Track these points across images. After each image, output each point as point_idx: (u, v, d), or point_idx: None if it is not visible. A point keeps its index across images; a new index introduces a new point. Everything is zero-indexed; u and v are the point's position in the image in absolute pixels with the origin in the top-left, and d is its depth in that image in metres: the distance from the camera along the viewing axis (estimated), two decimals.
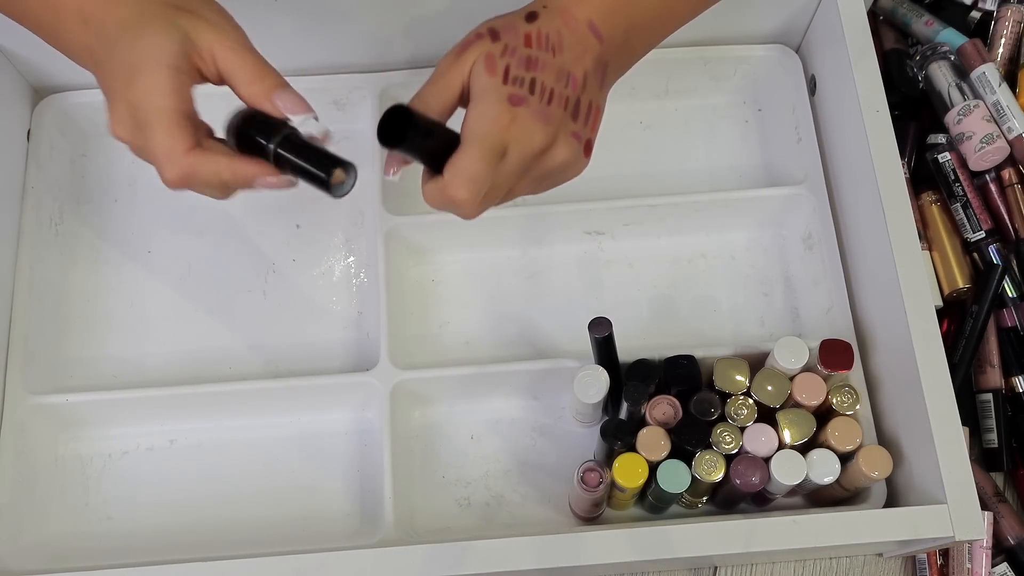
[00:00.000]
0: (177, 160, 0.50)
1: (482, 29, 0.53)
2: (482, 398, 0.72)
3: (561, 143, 0.53)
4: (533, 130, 0.51)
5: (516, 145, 0.51)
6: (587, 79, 0.54)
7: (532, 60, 0.52)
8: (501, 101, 0.51)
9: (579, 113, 0.54)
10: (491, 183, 0.51)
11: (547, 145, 0.52)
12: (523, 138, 0.51)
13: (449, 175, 0.51)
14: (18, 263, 0.73)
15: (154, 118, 0.50)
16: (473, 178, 0.50)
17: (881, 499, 0.65)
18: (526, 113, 0.51)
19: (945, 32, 0.81)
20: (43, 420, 0.70)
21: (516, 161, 0.52)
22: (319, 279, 0.76)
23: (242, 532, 0.69)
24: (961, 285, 0.75)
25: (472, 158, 0.50)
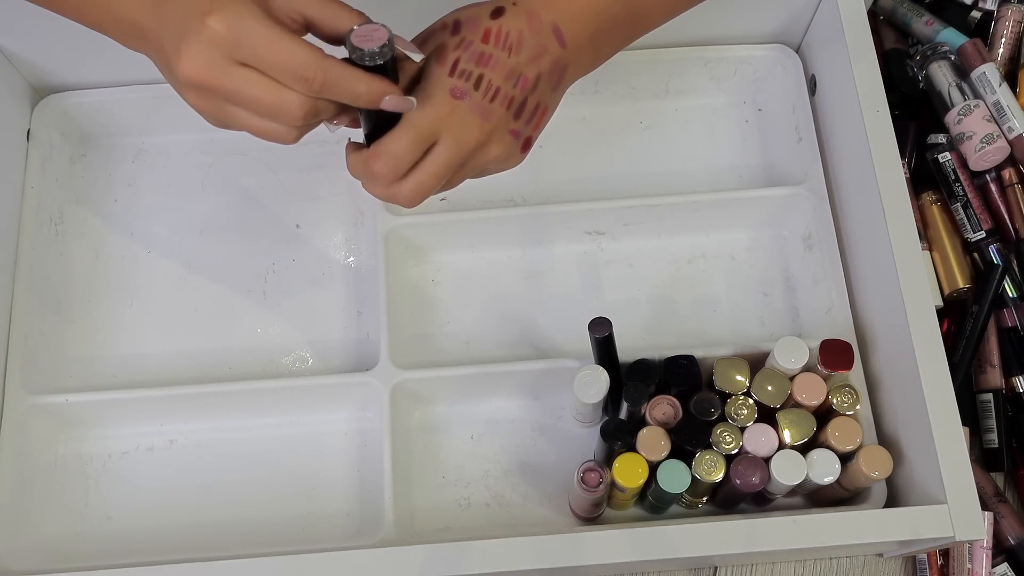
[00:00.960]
0: (317, 64, 0.47)
1: (448, 19, 0.55)
2: (482, 398, 0.72)
3: (495, 140, 0.54)
4: (469, 125, 0.53)
5: (449, 136, 0.52)
6: (540, 81, 0.54)
7: (484, 56, 0.53)
8: (442, 92, 0.52)
9: (523, 112, 0.55)
10: (424, 169, 0.53)
11: (482, 141, 0.53)
12: (457, 131, 0.52)
13: (372, 148, 0.52)
14: (18, 263, 0.73)
15: (265, 39, 0.46)
16: (392, 155, 0.52)
17: (881, 499, 0.65)
18: (464, 107, 0.52)
19: (945, 32, 0.81)
20: (43, 420, 0.70)
21: (449, 152, 0.53)
22: (319, 279, 0.76)
23: (242, 532, 0.69)
24: (961, 285, 0.75)
25: (397, 137, 0.52)
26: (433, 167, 0.53)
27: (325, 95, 0.49)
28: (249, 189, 0.79)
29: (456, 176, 0.55)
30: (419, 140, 0.52)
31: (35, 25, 0.72)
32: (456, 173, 0.55)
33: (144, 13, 0.49)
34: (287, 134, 0.51)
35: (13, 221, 0.74)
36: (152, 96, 0.77)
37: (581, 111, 0.81)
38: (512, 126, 0.55)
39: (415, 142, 0.52)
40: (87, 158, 0.80)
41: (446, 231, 0.75)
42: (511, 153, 0.56)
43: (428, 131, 0.52)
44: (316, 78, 0.48)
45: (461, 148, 0.53)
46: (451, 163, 0.53)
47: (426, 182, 0.54)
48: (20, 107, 0.76)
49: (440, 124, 0.52)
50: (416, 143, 0.52)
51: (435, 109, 0.52)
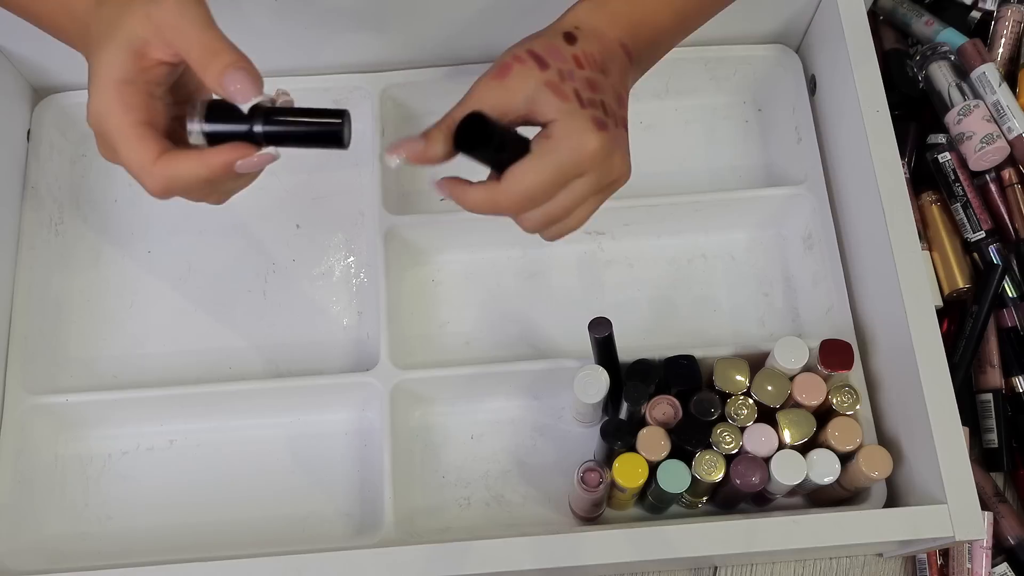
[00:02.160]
0: (149, 171, 0.49)
1: (520, 52, 0.52)
2: (482, 398, 0.72)
3: (627, 163, 0.53)
4: (616, 156, 0.51)
5: (598, 169, 0.51)
6: (624, 99, 0.54)
7: (592, 82, 0.51)
8: (586, 124, 0.50)
9: (626, 131, 0.54)
10: (556, 203, 0.51)
11: (626, 171, 0.53)
12: (606, 164, 0.51)
13: (508, 182, 0.50)
14: (18, 263, 0.73)
15: (115, 137, 0.49)
16: (531, 192, 0.50)
17: (881, 499, 0.65)
18: (609, 138, 0.50)
19: (945, 32, 0.81)
20: (43, 420, 0.70)
21: (593, 183, 0.51)
22: (319, 279, 0.76)
23: (242, 532, 0.69)
24: (961, 285, 0.75)
25: (539, 172, 0.50)
26: (568, 199, 0.51)
27: (176, 190, 0.49)
28: (249, 189, 0.78)
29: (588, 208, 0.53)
30: (561, 176, 0.50)
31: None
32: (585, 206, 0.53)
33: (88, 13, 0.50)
34: None
35: (13, 221, 0.74)
36: None
37: None
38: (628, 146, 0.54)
39: (556, 179, 0.50)
40: (87, 158, 0.80)
41: (446, 231, 0.75)
42: (628, 172, 0.54)
43: (574, 167, 0.50)
44: (157, 186, 0.49)
45: (604, 180, 0.52)
46: (586, 196, 0.52)
47: (558, 212, 0.52)
48: (20, 107, 0.76)
49: (588, 160, 0.50)
50: (557, 180, 0.50)
51: (584, 144, 0.50)
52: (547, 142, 0.50)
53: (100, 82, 0.48)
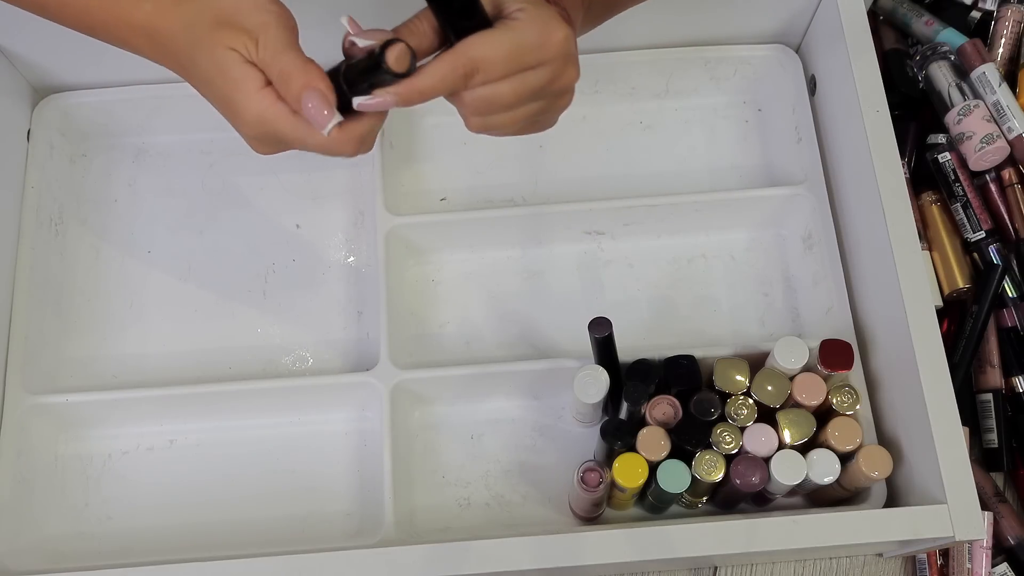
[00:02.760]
0: (341, 145, 0.50)
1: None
2: (482, 398, 0.72)
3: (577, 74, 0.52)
4: (574, 55, 0.51)
5: (554, 67, 0.50)
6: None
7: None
8: (555, 16, 0.50)
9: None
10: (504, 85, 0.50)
11: (576, 76, 0.52)
12: (562, 60, 0.50)
13: (463, 46, 0.49)
14: (18, 263, 0.73)
15: (290, 132, 0.50)
16: (485, 61, 0.49)
17: (881, 499, 0.65)
18: (572, 38, 0.50)
19: (945, 32, 0.81)
20: (43, 420, 0.70)
21: (543, 78, 0.50)
22: (319, 279, 0.76)
23: (242, 532, 0.69)
24: (961, 285, 0.75)
25: (498, 44, 0.49)
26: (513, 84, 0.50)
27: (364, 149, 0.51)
28: (249, 189, 0.79)
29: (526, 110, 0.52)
30: (522, 55, 0.49)
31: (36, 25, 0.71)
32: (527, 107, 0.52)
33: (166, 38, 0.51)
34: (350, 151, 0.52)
35: (13, 221, 0.74)
36: (152, 96, 0.77)
37: (581, 111, 0.81)
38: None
39: (518, 54, 0.49)
40: (87, 158, 0.80)
41: (446, 231, 0.75)
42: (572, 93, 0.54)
43: (534, 51, 0.49)
44: (352, 151, 0.51)
45: (555, 77, 0.51)
46: (532, 88, 0.50)
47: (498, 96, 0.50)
48: (20, 107, 0.76)
49: (549, 48, 0.49)
50: (518, 55, 0.49)
51: (550, 31, 0.49)
52: (512, 22, 0.49)
53: (247, 96, 0.49)
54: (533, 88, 0.51)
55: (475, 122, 0.52)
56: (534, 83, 0.50)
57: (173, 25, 0.50)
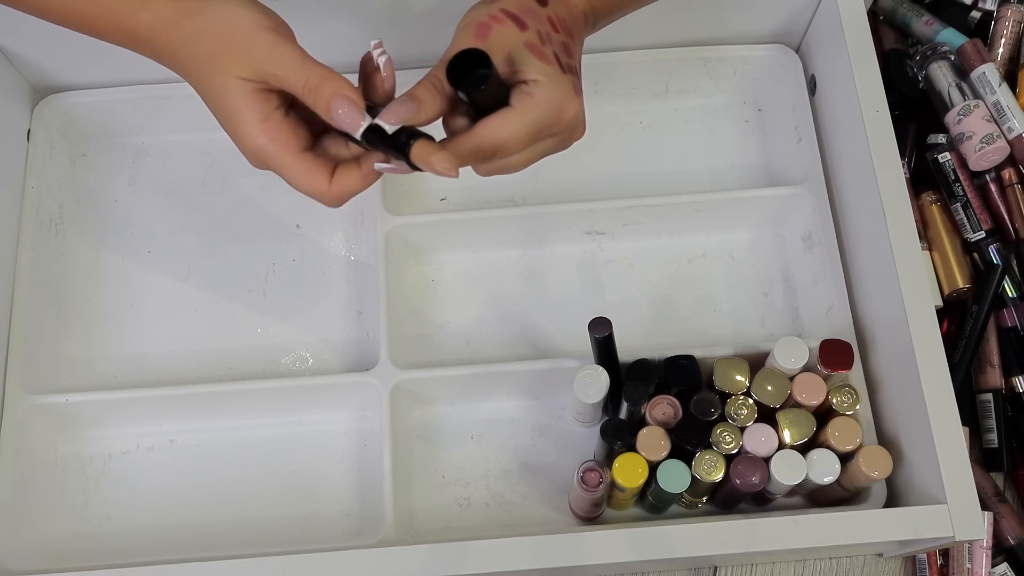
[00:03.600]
0: (327, 195, 0.52)
1: (496, 12, 0.52)
2: (482, 398, 0.72)
3: (584, 128, 0.55)
4: (582, 122, 0.54)
5: (568, 133, 0.53)
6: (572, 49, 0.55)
7: (567, 48, 0.53)
8: (569, 89, 0.52)
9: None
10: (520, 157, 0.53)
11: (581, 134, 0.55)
12: (577, 129, 0.53)
13: (485, 130, 0.51)
14: (18, 263, 0.73)
15: (282, 172, 0.52)
16: (505, 144, 0.51)
17: (881, 499, 0.65)
18: (583, 107, 0.53)
19: (945, 32, 0.81)
20: (43, 420, 0.70)
21: (557, 144, 0.54)
22: (319, 279, 0.76)
23: (242, 532, 0.69)
24: (961, 285, 0.75)
25: (519, 127, 0.51)
26: (529, 155, 0.53)
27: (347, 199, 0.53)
28: (249, 189, 0.79)
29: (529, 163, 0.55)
30: (535, 134, 0.52)
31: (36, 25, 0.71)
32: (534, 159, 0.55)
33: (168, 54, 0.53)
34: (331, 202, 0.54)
35: (13, 221, 0.74)
36: (152, 96, 0.77)
37: None
38: None
39: (530, 137, 0.51)
40: (87, 158, 0.80)
41: (446, 231, 0.74)
42: None
43: (550, 128, 0.52)
44: (333, 204, 0.53)
45: (567, 142, 0.54)
46: (545, 154, 0.54)
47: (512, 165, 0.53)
48: (20, 107, 0.76)
49: (564, 123, 0.52)
50: (531, 137, 0.51)
51: (564, 107, 0.51)
52: (529, 100, 0.51)
53: (246, 130, 0.51)
54: (542, 153, 0.54)
55: (483, 173, 0.55)
56: (544, 150, 0.54)
57: (173, 41, 0.51)
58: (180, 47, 0.51)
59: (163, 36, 0.51)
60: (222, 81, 0.50)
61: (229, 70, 0.50)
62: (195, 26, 0.50)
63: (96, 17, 0.52)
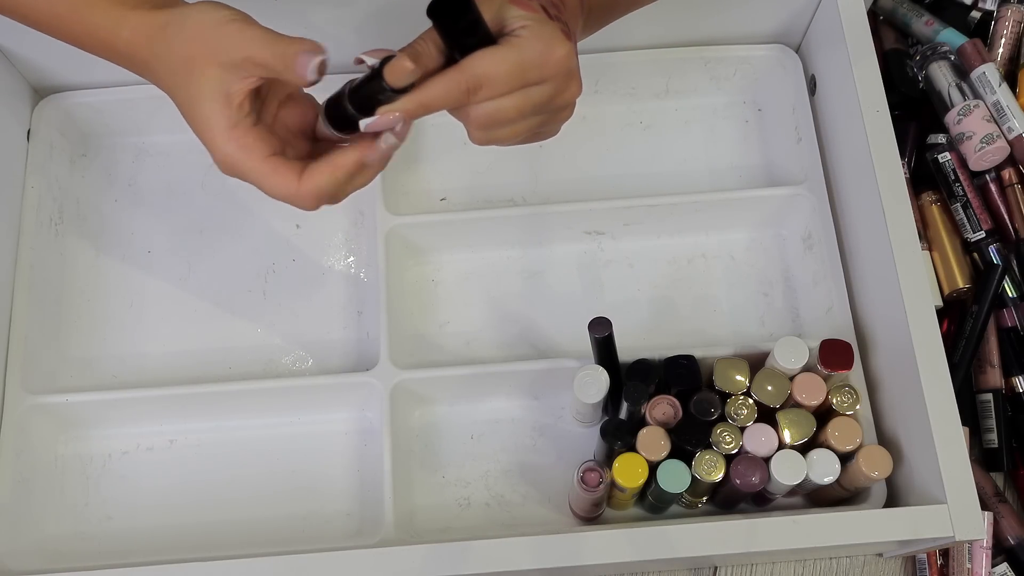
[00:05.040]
0: (298, 195, 0.52)
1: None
2: (482, 398, 0.72)
3: (580, 89, 0.53)
4: (575, 72, 0.51)
5: (557, 79, 0.51)
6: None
7: (556, 3, 0.52)
8: (556, 31, 0.50)
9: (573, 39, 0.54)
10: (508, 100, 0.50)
11: (578, 91, 0.52)
12: (565, 76, 0.51)
13: (469, 62, 0.49)
14: (18, 263, 0.73)
15: (253, 179, 0.52)
16: (490, 78, 0.49)
17: (881, 499, 0.65)
18: (574, 53, 0.51)
19: (945, 32, 0.81)
20: (43, 420, 0.70)
21: (547, 94, 0.51)
22: (319, 279, 0.76)
23: (242, 532, 0.69)
24: (961, 285, 0.75)
25: (501, 61, 0.49)
26: (516, 100, 0.50)
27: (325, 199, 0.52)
28: (249, 189, 0.78)
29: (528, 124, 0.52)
30: (524, 72, 0.49)
31: None
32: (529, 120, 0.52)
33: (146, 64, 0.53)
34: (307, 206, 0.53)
35: (13, 221, 0.74)
36: (152, 96, 0.76)
37: (581, 111, 0.79)
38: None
39: (520, 71, 0.49)
40: (87, 158, 0.80)
41: (446, 231, 0.75)
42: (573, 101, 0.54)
43: (537, 68, 0.50)
44: (308, 205, 0.52)
45: (557, 94, 0.51)
46: (535, 104, 0.51)
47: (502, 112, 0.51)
48: (20, 107, 0.76)
49: (551, 65, 0.50)
50: (521, 72, 0.49)
51: (553, 48, 0.49)
52: (515, 39, 0.50)
53: (214, 137, 0.51)
54: (536, 103, 0.51)
55: (478, 135, 0.53)
56: (537, 98, 0.51)
57: (150, 55, 0.52)
58: (157, 60, 0.52)
59: (142, 52, 0.52)
60: (196, 89, 0.51)
61: (202, 73, 0.50)
62: (167, 36, 0.51)
63: (83, 35, 0.54)
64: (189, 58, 0.51)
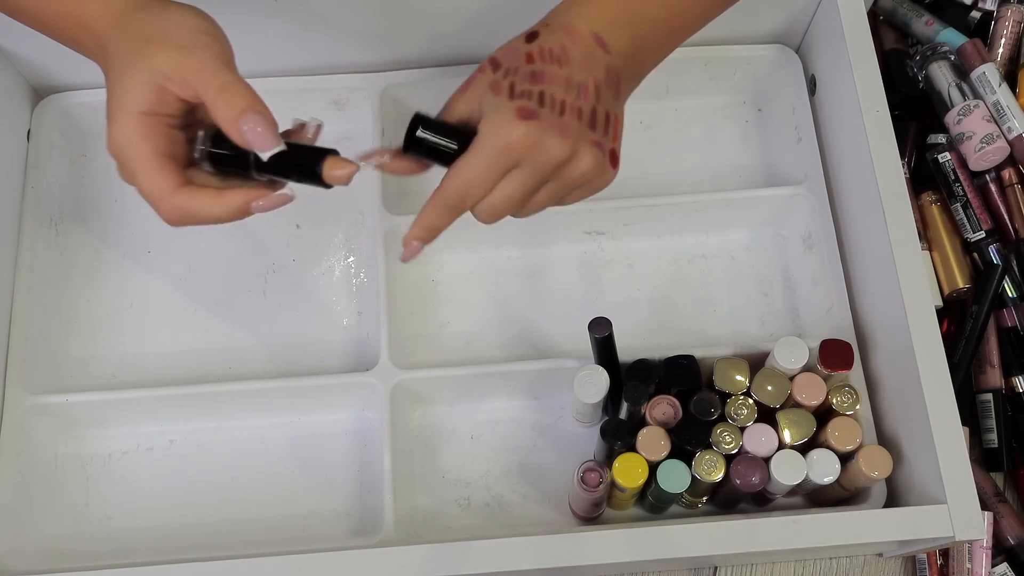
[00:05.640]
0: (166, 200, 0.51)
1: (485, 61, 0.54)
2: (482, 398, 0.72)
3: (583, 153, 0.52)
4: (548, 143, 0.50)
5: (531, 157, 0.51)
6: (600, 90, 0.53)
7: (537, 74, 0.51)
8: (509, 115, 0.50)
9: (596, 123, 0.52)
10: (498, 194, 0.52)
11: (566, 156, 0.51)
12: (538, 151, 0.50)
13: (447, 178, 0.53)
14: (18, 263, 0.73)
15: (135, 165, 0.51)
16: (467, 186, 0.52)
17: (881, 499, 0.65)
18: (539, 126, 0.50)
19: (945, 32, 0.81)
20: (43, 420, 0.70)
21: (531, 173, 0.51)
22: (319, 279, 0.76)
23: (242, 532, 0.69)
24: (961, 285, 0.75)
25: (470, 166, 0.51)
26: (507, 190, 0.52)
27: (189, 222, 0.52)
28: None
29: (539, 198, 0.53)
30: (494, 164, 0.51)
31: None
32: (539, 195, 0.53)
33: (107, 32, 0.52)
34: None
35: (13, 221, 0.74)
36: None
37: None
38: (592, 137, 0.52)
39: (488, 166, 0.51)
40: (87, 158, 0.80)
41: (446, 231, 0.74)
42: (602, 166, 0.53)
43: (502, 154, 0.50)
44: (171, 215, 0.51)
45: (542, 168, 0.51)
46: (528, 185, 0.52)
47: (498, 204, 0.52)
48: (20, 107, 0.76)
49: (515, 149, 0.50)
50: (490, 167, 0.51)
51: (506, 132, 0.50)
52: (476, 137, 0.51)
53: (121, 112, 0.50)
54: (528, 183, 0.52)
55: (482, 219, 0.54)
56: (528, 179, 0.52)
57: (117, 27, 0.51)
58: (117, 38, 0.51)
59: (106, 27, 0.51)
60: (134, 67, 0.50)
61: (151, 55, 0.50)
62: (139, 19, 0.51)
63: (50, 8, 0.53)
64: (148, 39, 0.50)
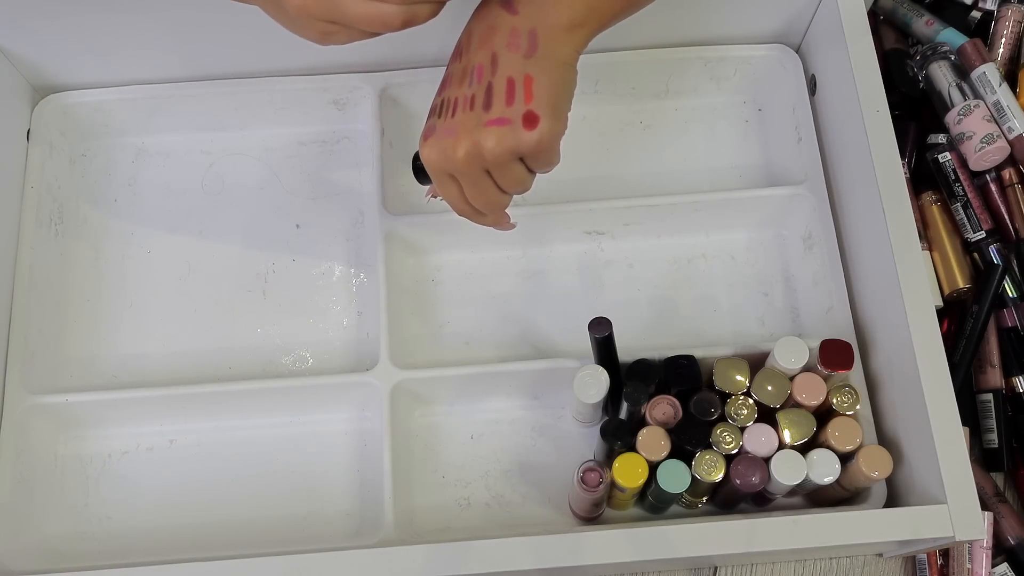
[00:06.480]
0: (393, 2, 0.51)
1: None
2: (482, 398, 0.72)
3: (481, 138, 0.53)
4: (445, 148, 0.54)
5: (446, 166, 0.55)
6: (497, 59, 0.54)
7: (443, 81, 0.56)
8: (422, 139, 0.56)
9: (493, 99, 0.53)
10: (448, 198, 0.58)
11: (467, 150, 0.54)
12: (445, 160, 0.55)
13: None
14: (18, 263, 0.73)
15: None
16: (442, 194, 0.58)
17: (881, 499, 0.65)
18: (433, 140, 0.55)
19: (945, 32, 0.81)
20: (43, 420, 0.70)
21: (460, 177, 0.56)
22: (319, 279, 0.76)
23: (242, 532, 0.69)
24: (961, 285, 0.75)
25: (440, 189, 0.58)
26: (449, 196, 0.58)
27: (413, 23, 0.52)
28: (249, 189, 0.79)
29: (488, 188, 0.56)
30: (439, 182, 0.57)
31: (35, 25, 0.72)
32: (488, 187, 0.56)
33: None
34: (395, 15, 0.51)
35: (13, 221, 0.74)
36: (152, 96, 0.77)
37: (581, 111, 0.80)
38: (487, 117, 0.53)
39: (440, 184, 0.57)
40: (87, 158, 0.80)
41: (446, 231, 0.74)
42: (510, 136, 0.53)
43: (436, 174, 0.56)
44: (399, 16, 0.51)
45: (459, 169, 0.55)
46: (455, 192, 0.57)
47: (456, 208, 0.59)
48: (20, 107, 0.76)
49: (433, 165, 0.56)
50: (441, 185, 0.57)
51: (425, 156, 0.56)
52: None
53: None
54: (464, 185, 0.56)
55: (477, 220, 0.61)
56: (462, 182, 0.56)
57: None
58: None
59: None
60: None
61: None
62: None
63: None
64: None
